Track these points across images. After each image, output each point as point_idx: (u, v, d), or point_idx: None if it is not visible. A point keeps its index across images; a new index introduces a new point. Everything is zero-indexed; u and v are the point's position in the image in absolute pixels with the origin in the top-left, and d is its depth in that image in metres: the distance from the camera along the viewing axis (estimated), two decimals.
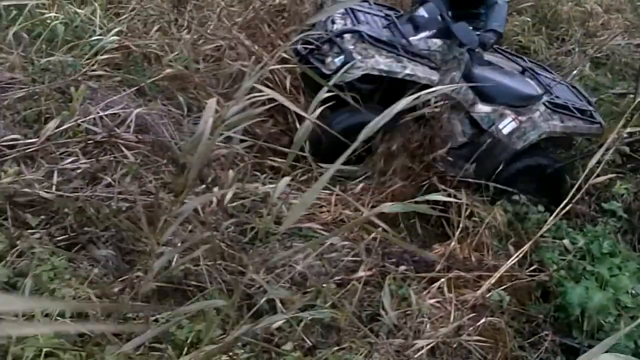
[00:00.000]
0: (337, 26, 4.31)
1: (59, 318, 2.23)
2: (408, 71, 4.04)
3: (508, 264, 3.41)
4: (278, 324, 2.65)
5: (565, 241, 3.90)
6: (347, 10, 4.40)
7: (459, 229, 3.75)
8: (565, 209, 3.31)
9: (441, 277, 3.36)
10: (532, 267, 3.70)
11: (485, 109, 4.43)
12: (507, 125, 4.36)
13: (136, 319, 2.40)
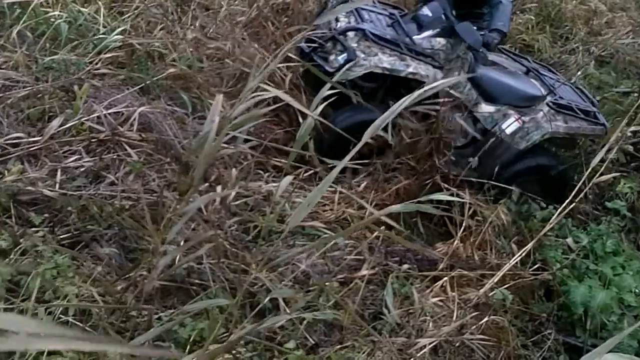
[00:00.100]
0: (340, 24, 4.30)
1: (62, 316, 2.24)
2: (411, 70, 4.04)
3: (511, 262, 3.40)
4: (281, 322, 2.66)
5: (569, 240, 3.89)
6: (351, 10, 4.40)
7: (462, 228, 3.75)
8: (568, 207, 3.30)
9: (444, 275, 3.36)
10: (535, 266, 3.68)
11: (488, 108, 4.41)
12: (510, 125, 4.34)
13: (139, 317, 2.41)
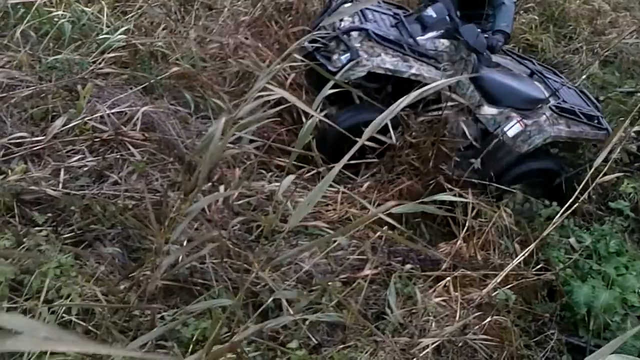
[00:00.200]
0: (344, 23, 4.29)
1: (65, 316, 2.24)
2: (414, 71, 4.03)
3: (514, 262, 3.40)
4: (284, 323, 2.66)
5: (572, 240, 3.89)
6: None
7: (465, 228, 3.74)
8: (572, 207, 3.30)
9: (447, 275, 3.36)
10: (539, 266, 3.68)
11: (491, 111, 4.40)
12: (512, 128, 4.33)
13: (142, 317, 2.41)
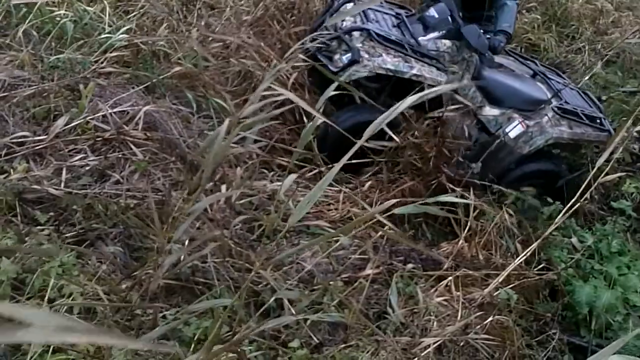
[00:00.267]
0: (346, 23, 4.29)
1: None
2: (415, 71, 4.02)
3: (516, 262, 3.40)
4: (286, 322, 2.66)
5: (574, 240, 3.89)
6: None
7: (467, 228, 3.74)
8: (574, 207, 3.30)
9: (449, 275, 3.36)
10: (540, 266, 3.68)
11: (493, 111, 4.39)
12: (514, 129, 4.32)
13: (144, 316, 2.41)
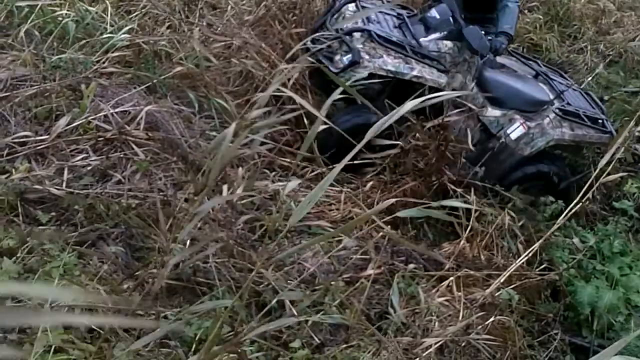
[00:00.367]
0: (347, 24, 4.29)
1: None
2: (415, 73, 4.01)
3: (517, 262, 3.40)
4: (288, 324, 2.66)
5: (576, 240, 3.88)
6: (358, 8, 4.38)
7: (469, 228, 3.73)
8: (575, 207, 3.29)
9: (450, 275, 3.35)
10: (542, 266, 3.68)
11: (494, 113, 4.38)
12: (515, 130, 4.32)
13: (145, 316, 2.41)
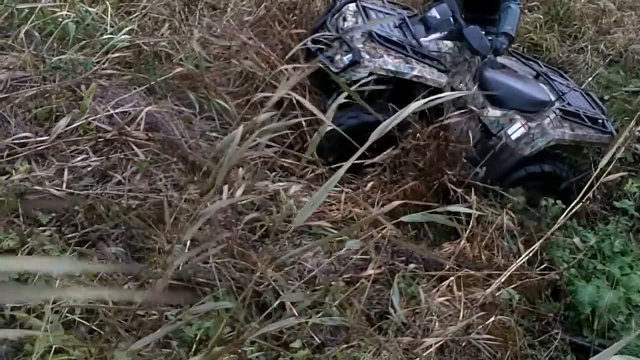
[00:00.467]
0: (347, 24, 4.29)
1: (68, 315, 2.25)
2: (416, 72, 4.00)
3: (518, 262, 3.39)
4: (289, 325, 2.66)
5: (576, 240, 3.88)
6: (359, 8, 4.38)
7: (469, 228, 3.73)
8: (576, 207, 3.29)
9: (451, 275, 3.35)
10: (543, 266, 3.68)
11: (495, 113, 4.38)
12: (516, 130, 4.32)
13: (145, 316, 2.41)
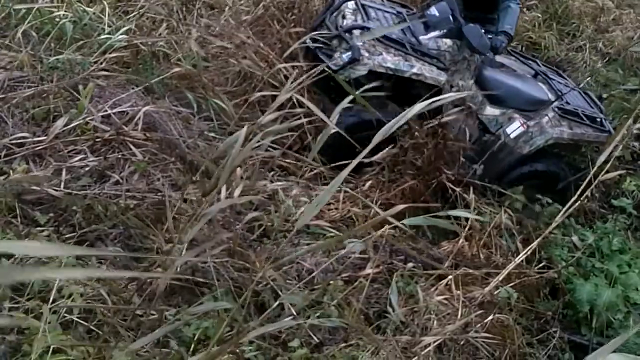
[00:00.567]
0: (347, 21, 4.28)
1: (66, 315, 2.25)
2: (415, 70, 4.01)
3: (516, 261, 3.39)
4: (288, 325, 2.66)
5: (574, 238, 3.89)
6: (358, 6, 4.38)
7: (467, 227, 3.73)
8: (574, 205, 3.29)
9: (449, 274, 3.35)
10: (541, 264, 3.68)
11: (494, 111, 4.39)
12: (515, 129, 4.33)
13: (143, 316, 2.41)
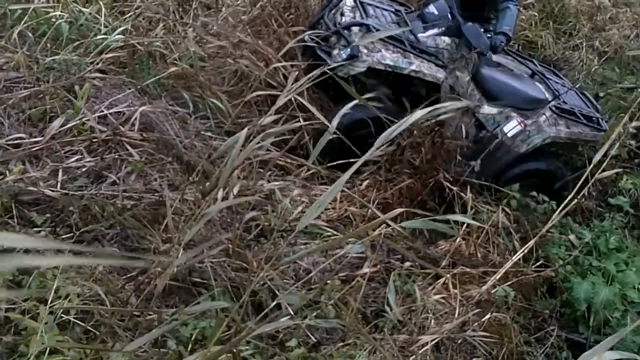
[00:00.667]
0: (345, 19, 4.28)
1: (63, 316, 2.24)
2: (414, 67, 4.01)
3: (514, 259, 3.40)
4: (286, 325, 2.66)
5: (572, 236, 3.89)
6: (357, 4, 4.38)
7: (465, 226, 3.73)
8: (571, 204, 3.29)
9: (446, 273, 3.35)
10: (538, 263, 3.69)
11: (491, 110, 4.39)
12: (512, 128, 4.33)
13: (141, 317, 2.41)
